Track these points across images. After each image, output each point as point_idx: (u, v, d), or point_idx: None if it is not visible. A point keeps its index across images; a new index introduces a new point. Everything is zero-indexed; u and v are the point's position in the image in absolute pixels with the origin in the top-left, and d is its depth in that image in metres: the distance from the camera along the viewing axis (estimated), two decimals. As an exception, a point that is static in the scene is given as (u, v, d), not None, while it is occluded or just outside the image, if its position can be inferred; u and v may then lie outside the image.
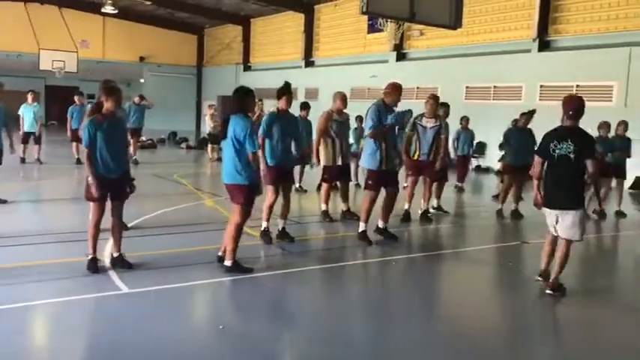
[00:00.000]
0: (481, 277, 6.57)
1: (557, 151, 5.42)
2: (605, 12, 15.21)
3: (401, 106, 7.27)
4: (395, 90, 7.15)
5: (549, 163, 5.53)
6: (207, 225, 7.85)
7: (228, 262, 5.71)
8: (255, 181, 5.63)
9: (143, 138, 18.43)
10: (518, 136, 9.86)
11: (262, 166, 6.16)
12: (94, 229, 5.58)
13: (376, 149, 7.08)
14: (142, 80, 31.15)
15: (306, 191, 11.28)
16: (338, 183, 8.89)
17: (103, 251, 6.11)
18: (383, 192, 7.38)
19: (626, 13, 14.77)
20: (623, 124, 10.31)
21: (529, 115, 9.85)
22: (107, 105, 5.51)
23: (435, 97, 8.79)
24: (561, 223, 5.50)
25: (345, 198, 8.81)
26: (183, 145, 22.16)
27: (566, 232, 5.50)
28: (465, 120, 13.02)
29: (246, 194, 5.61)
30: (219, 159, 14.12)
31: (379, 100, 7.23)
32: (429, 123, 8.62)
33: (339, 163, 8.60)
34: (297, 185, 11.19)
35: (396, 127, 7.35)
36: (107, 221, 5.72)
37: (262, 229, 7.08)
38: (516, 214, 9.62)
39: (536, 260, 7.28)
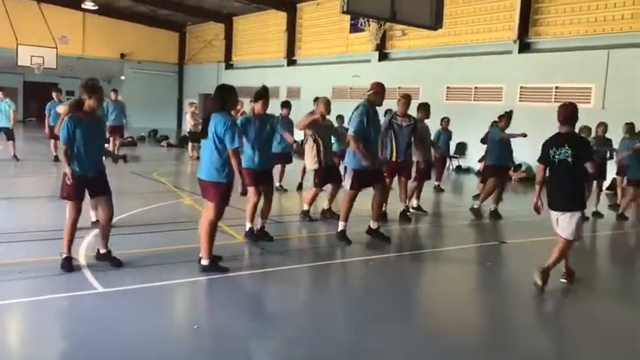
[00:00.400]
0: (459, 276, 6.58)
1: (556, 157, 5.69)
2: (585, 15, 15.38)
3: (384, 106, 7.29)
4: (379, 90, 7.19)
5: (551, 169, 5.80)
6: (185, 224, 7.77)
7: (204, 262, 5.66)
8: (231, 181, 5.60)
9: (126, 135, 18.20)
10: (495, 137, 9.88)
11: (237, 166, 6.03)
12: (71, 228, 5.52)
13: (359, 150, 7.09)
14: (122, 77, 30.87)
15: (286, 190, 11.25)
16: (330, 186, 8.82)
17: (78, 249, 6.04)
18: (371, 191, 7.39)
19: (604, 17, 14.95)
20: (603, 126, 10.44)
21: (507, 116, 9.90)
22: (89, 103, 5.49)
23: (406, 97, 8.78)
24: (560, 223, 5.74)
25: (332, 198, 8.79)
26: (164, 143, 22.00)
27: (564, 231, 5.74)
28: (445, 121, 13.10)
29: (221, 192, 5.57)
30: (200, 157, 14.03)
31: (365, 101, 7.22)
32: (403, 122, 8.62)
33: (325, 165, 8.50)
34: (277, 184, 11.16)
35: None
36: (83, 220, 5.65)
37: (247, 229, 7.05)
38: (496, 215, 9.67)
39: (513, 260, 7.35)
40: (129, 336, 4.22)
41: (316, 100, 11.51)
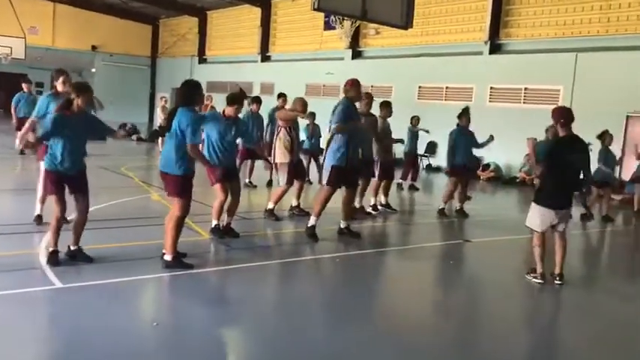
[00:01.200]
0: (422, 274, 6.65)
1: (567, 158, 5.90)
2: (554, 18, 15.62)
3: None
4: (355, 86, 7.28)
5: (555, 169, 5.91)
6: (152, 219, 7.70)
7: (167, 257, 5.62)
8: (187, 174, 5.61)
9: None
10: (461, 137, 9.90)
11: (201, 160, 5.99)
12: (56, 222, 5.48)
13: (341, 145, 7.10)
14: (93, 70, 30.41)
15: (255, 186, 11.22)
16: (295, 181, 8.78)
17: (39, 244, 5.95)
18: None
19: (573, 20, 15.20)
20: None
21: (466, 113, 9.90)
22: (77, 102, 5.47)
23: (369, 96, 8.82)
24: (560, 219, 5.99)
25: (299, 195, 8.79)
26: (134, 137, 21.72)
27: (562, 226, 6.03)
28: (415, 119, 13.22)
29: (178, 185, 5.60)
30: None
31: (344, 98, 7.29)
32: (364, 121, 8.65)
33: (294, 160, 8.45)
34: (247, 180, 11.13)
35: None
36: (48, 216, 5.56)
37: (212, 226, 7.01)
38: (461, 213, 9.79)
39: (476, 258, 7.45)
40: (85, 332, 4.16)
41: (280, 96, 11.51)
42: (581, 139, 6.08)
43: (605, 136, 10.43)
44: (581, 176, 6.20)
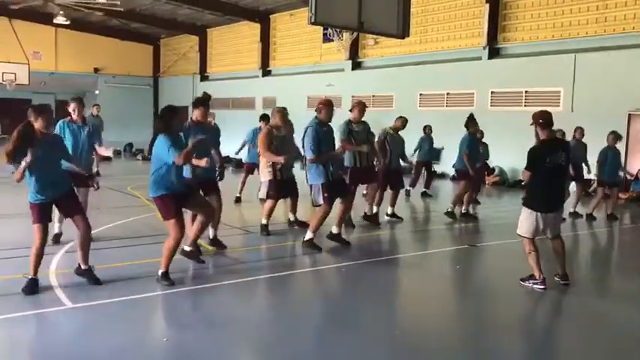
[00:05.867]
0: (428, 280, 6.67)
1: (552, 162, 5.91)
2: (552, 20, 15.70)
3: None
4: (326, 106, 7.33)
5: (543, 173, 5.93)
6: (158, 237, 7.70)
7: (159, 271, 5.73)
8: (164, 195, 5.65)
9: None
10: (472, 143, 10.15)
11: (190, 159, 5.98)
12: (36, 250, 5.39)
13: (317, 164, 7.22)
14: (97, 92, 30.62)
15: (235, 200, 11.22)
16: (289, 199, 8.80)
17: (49, 266, 6.02)
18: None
19: (570, 21, 15.28)
20: (580, 130, 10.74)
21: (472, 121, 10.09)
22: (37, 125, 5.32)
23: (361, 103, 8.88)
24: (553, 222, 6.02)
25: (295, 210, 8.83)
26: (139, 156, 21.88)
27: (554, 231, 6.08)
28: (428, 128, 13.38)
29: (159, 207, 5.73)
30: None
31: (313, 120, 7.32)
32: (359, 128, 8.73)
33: (281, 178, 8.32)
34: (238, 194, 11.29)
35: None
36: (67, 234, 5.62)
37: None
38: (469, 216, 9.90)
39: (483, 262, 7.46)
40: (98, 350, 4.22)
41: (262, 118, 11.32)
42: (566, 141, 6.17)
43: (609, 137, 10.45)
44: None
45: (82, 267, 5.70)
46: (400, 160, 9.80)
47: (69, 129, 7.11)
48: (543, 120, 5.95)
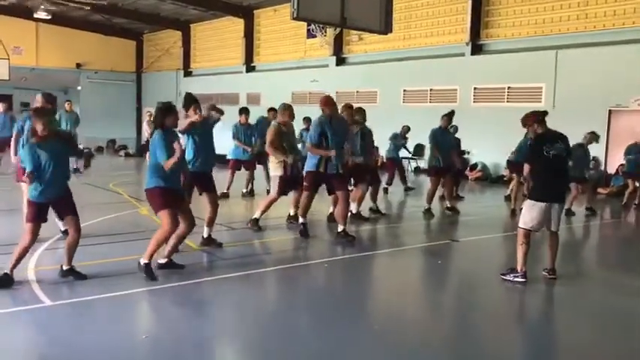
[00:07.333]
0: (410, 275, 6.71)
1: (551, 152, 5.96)
2: (534, 16, 15.81)
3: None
4: (327, 104, 7.59)
5: (544, 163, 5.98)
6: (141, 234, 7.70)
7: (142, 260, 5.72)
8: (155, 188, 5.74)
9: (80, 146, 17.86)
10: (442, 138, 10.15)
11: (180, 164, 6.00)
12: (22, 250, 5.40)
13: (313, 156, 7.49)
14: (79, 87, 30.35)
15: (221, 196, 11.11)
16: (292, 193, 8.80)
17: (27, 263, 5.96)
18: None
19: (552, 18, 15.40)
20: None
21: (449, 116, 10.20)
22: (38, 128, 5.38)
23: (349, 106, 8.84)
24: (557, 214, 6.07)
25: (297, 206, 8.80)
26: (122, 152, 21.75)
27: (555, 224, 6.09)
28: (405, 128, 13.39)
29: (150, 198, 5.85)
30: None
31: (321, 115, 7.60)
32: (354, 129, 8.75)
33: (291, 174, 8.23)
34: (244, 190, 11.37)
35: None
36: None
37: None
38: (453, 210, 10.00)
39: (463, 258, 7.52)
40: (77, 348, 4.19)
41: (270, 110, 11.32)
42: (560, 133, 6.18)
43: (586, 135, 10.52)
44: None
45: (64, 267, 5.66)
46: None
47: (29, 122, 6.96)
48: (538, 120, 6.12)
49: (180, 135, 6.31)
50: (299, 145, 9.77)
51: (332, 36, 16.93)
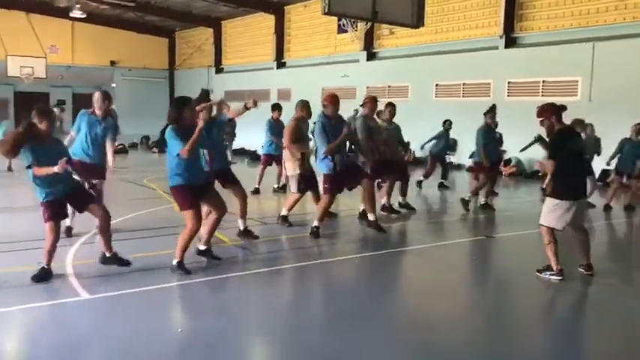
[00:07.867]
0: (444, 271, 6.63)
1: (574, 148, 5.93)
2: (569, 8, 15.48)
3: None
4: (331, 102, 7.55)
5: (567, 160, 5.83)
6: (175, 229, 7.75)
7: (173, 261, 5.77)
8: (177, 185, 5.71)
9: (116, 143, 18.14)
10: (488, 136, 10.06)
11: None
12: (51, 247, 5.45)
13: (328, 158, 7.42)
14: (113, 85, 30.83)
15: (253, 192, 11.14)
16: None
17: (65, 258, 6.07)
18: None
19: (588, 10, 15.05)
20: (590, 126, 10.48)
21: (493, 112, 10.03)
22: (42, 127, 5.38)
23: (374, 99, 8.77)
24: (581, 211, 6.00)
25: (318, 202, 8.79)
26: (155, 149, 22.01)
27: (579, 221, 5.98)
28: (448, 123, 13.07)
29: (174, 196, 5.84)
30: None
31: (320, 114, 7.52)
32: (375, 123, 8.69)
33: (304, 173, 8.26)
34: (275, 186, 11.42)
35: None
36: (78, 227, 5.67)
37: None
38: (487, 207, 9.86)
39: (499, 254, 7.41)
40: (113, 341, 4.26)
41: (275, 108, 11.38)
42: (575, 129, 6.25)
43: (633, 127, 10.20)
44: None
45: (107, 254, 5.78)
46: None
47: (86, 119, 7.13)
48: (557, 114, 5.95)
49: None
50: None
51: (363, 30, 16.81)
